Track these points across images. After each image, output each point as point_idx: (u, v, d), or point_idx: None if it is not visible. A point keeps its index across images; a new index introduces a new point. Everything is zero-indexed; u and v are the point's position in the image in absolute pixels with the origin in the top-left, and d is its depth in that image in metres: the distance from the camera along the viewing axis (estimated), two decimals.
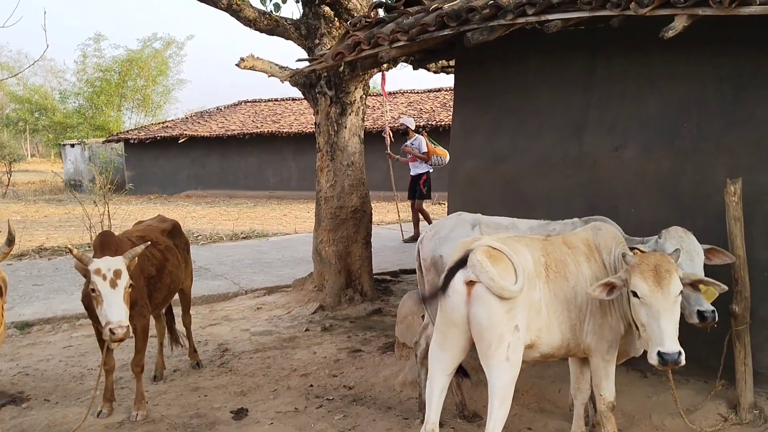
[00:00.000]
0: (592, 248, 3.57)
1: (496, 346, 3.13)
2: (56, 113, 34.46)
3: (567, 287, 3.40)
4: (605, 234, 3.64)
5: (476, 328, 3.18)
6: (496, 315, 3.12)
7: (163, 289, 4.89)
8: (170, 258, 5.04)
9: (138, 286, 4.33)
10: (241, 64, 6.83)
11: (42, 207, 20.45)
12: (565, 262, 3.45)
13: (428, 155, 11.51)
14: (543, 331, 3.31)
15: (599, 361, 3.49)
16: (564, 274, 3.41)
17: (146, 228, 5.19)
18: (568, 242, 3.58)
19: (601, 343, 3.44)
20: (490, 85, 5.44)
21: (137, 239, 4.68)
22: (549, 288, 3.35)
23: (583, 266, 3.48)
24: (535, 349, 3.35)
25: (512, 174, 5.28)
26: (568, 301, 3.39)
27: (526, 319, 3.21)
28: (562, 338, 3.39)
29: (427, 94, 25.87)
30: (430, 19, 4.59)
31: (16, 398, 4.93)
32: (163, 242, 5.09)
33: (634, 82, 4.61)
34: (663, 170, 4.48)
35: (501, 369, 3.15)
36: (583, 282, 3.43)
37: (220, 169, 25.64)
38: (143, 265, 4.54)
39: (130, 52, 33.84)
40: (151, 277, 4.70)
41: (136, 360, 4.59)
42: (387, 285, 8.44)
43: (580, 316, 3.42)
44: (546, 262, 3.40)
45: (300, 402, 4.78)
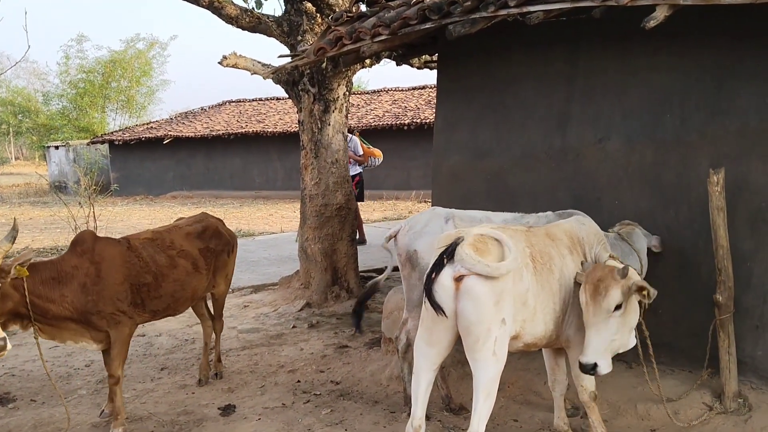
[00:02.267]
0: (575, 241, 3.59)
1: (483, 341, 3.10)
2: (40, 115, 34.18)
3: (552, 279, 3.40)
4: (588, 229, 3.68)
5: (464, 323, 3.15)
6: (485, 309, 3.09)
7: (165, 297, 4.50)
8: (180, 264, 4.60)
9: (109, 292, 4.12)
10: (224, 62, 6.78)
11: (27, 209, 20.27)
12: (549, 253, 3.45)
13: (365, 157, 11.05)
14: (527, 321, 3.30)
15: (576, 354, 3.45)
16: (549, 266, 3.41)
17: (165, 229, 4.83)
18: (551, 234, 3.58)
19: (579, 335, 3.43)
20: (473, 79, 5.45)
21: (144, 241, 4.50)
22: (536, 279, 3.33)
23: (567, 258, 3.49)
24: (519, 340, 3.34)
25: (496, 168, 5.30)
26: (553, 292, 3.39)
27: (512, 310, 3.20)
28: (545, 329, 3.39)
29: (412, 92, 25.89)
30: (412, 13, 4.58)
31: (2, 399, 4.89)
32: (178, 246, 4.67)
33: (617, 73, 4.63)
34: (646, 161, 4.51)
35: (487, 363, 3.13)
36: (567, 274, 3.45)
37: (205, 170, 25.55)
38: (130, 271, 4.28)
39: (113, 53, 33.64)
40: (144, 284, 4.34)
41: (110, 370, 4.23)
42: None
43: (564, 307, 3.45)
44: (532, 253, 3.38)
45: (287, 397, 4.77)
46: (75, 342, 4.22)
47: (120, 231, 12.66)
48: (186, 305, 4.80)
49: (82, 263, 4.12)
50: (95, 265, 4.14)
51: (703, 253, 4.19)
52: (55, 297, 3.99)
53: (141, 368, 5.48)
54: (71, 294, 4.04)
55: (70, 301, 4.03)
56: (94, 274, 4.12)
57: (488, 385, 3.14)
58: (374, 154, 11.24)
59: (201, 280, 4.79)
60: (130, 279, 4.28)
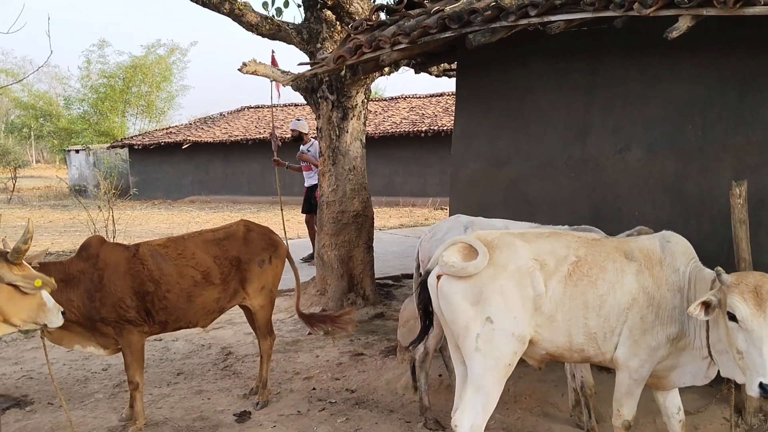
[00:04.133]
0: (653, 261, 3.30)
1: (463, 338, 3.19)
2: (61, 119, 34.54)
3: (592, 293, 3.21)
4: (673, 247, 3.34)
5: (444, 320, 3.30)
6: (459, 307, 3.18)
7: (172, 309, 4.32)
8: (188, 274, 4.37)
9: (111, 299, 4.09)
10: (243, 69, 6.82)
11: (47, 212, 20.49)
12: (604, 267, 3.25)
13: None
14: (543, 328, 3.23)
15: (626, 377, 3.30)
16: (593, 279, 3.22)
17: (183, 236, 4.67)
18: (622, 248, 3.34)
19: (632, 359, 3.24)
20: (492, 88, 5.44)
21: (154, 248, 4.40)
22: (563, 287, 3.21)
23: (628, 277, 3.24)
24: (538, 346, 3.29)
25: (514, 177, 5.28)
26: (588, 306, 3.21)
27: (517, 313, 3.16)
28: (569, 341, 3.26)
29: (429, 99, 25.87)
30: (432, 22, 4.58)
31: (20, 402, 4.93)
32: (190, 255, 4.44)
33: (638, 83, 4.61)
34: (667, 172, 4.47)
35: (472, 359, 3.18)
36: (619, 293, 3.22)
37: (223, 175, 25.69)
38: (134, 278, 4.20)
39: (134, 59, 33.92)
40: (148, 293, 4.23)
41: (128, 376, 4.26)
42: (389, 289, 8.42)
43: (605, 325, 3.22)
44: (575, 261, 3.24)
45: (303, 405, 4.77)
46: (83, 347, 4.23)
47: (138, 235, 12.78)
48: (203, 318, 4.55)
49: (87, 268, 4.13)
50: (99, 271, 4.13)
51: (724, 266, 4.07)
52: (62, 300, 3.95)
53: (157, 373, 5.50)
54: (78, 299, 4.06)
55: (77, 306, 4.05)
56: (98, 280, 4.11)
57: (477, 379, 3.17)
58: None
59: (214, 292, 4.48)
60: (134, 287, 4.18)
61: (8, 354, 6.04)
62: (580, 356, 3.35)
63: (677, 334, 3.23)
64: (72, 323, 4.05)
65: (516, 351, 3.19)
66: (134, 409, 4.29)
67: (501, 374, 3.18)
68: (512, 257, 3.21)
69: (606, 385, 4.54)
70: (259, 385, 4.88)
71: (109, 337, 4.18)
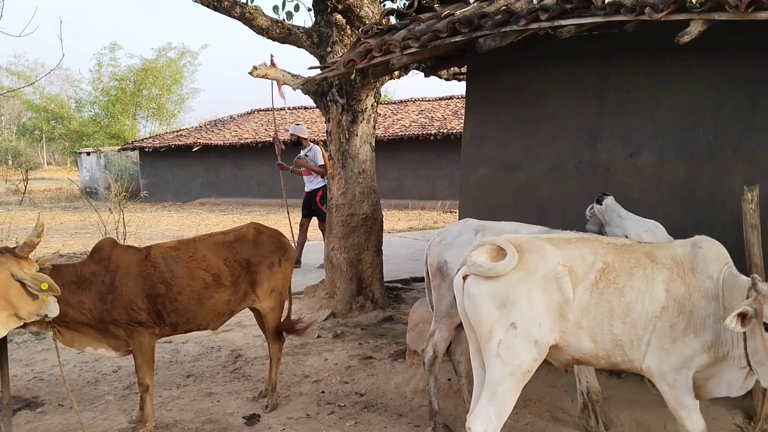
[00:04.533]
0: (685, 268, 3.21)
1: (485, 341, 3.15)
2: (72, 122, 34.79)
3: (618, 300, 3.14)
4: (706, 253, 3.24)
5: (468, 322, 3.25)
6: (484, 310, 3.13)
7: (183, 311, 4.34)
8: (199, 276, 4.39)
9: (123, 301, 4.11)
10: (254, 72, 6.85)
11: (58, 214, 20.62)
12: (632, 274, 3.18)
13: (325, 168, 9.72)
14: (569, 334, 3.18)
15: (665, 387, 3.21)
16: (620, 287, 3.15)
17: (194, 238, 4.69)
18: (652, 254, 3.26)
19: (663, 366, 3.17)
20: (502, 92, 5.44)
21: (165, 250, 4.42)
22: (590, 294, 3.16)
23: (657, 285, 3.16)
24: (564, 351, 3.25)
25: (525, 181, 5.27)
26: (614, 313, 3.14)
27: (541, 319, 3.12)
28: (595, 348, 3.20)
29: (439, 102, 25.89)
30: (442, 26, 4.59)
31: (30, 403, 4.96)
32: (200, 257, 4.45)
33: (649, 87, 4.60)
34: (678, 177, 4.46)
35: (492, 364, 3.14)
36: (648, 301, 3.14)
37: (233, 177, 25.78)
38: (145, 280, 4.22)
39: (145, 62, 34.13)
40: (159, 295, 4.23)
41: (139, 378, 4.28)
42: (398, 293, 8.42)
43: (632, 333, 3.16)
44: (602, 268, 3.18)
45: (312, 408, 4.77)
46: (94, 349, 4.25)
47: (148, 237, 12.83)
48: (214, 320, 4.57)
49: (99, 270, 4.14)
50: (111, 273, 4.14)
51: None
52: (74, 302, 4.01)
53: (167, 375, 5.52)
54: (89, 301, 4.07)
55: (88, 308, 4.07)
56: (110, 282, 4.12)
57: (494, 385, 3.12)
58: None
59: (224, 294, 4.49)
60: (145, 289, 4.20)
61: (19, 355, 6.07)
62: (607, 362, 3.29)
63: (712, 342, 3.13)
64: (83, 325, 4.08)
65: (536, 358, 3.15)
66: (144, 411, 4.30)
67: (518, 381, 3.14)
68: (541, 262, 3.15)
69: (617, 389, 4.54)
70: (268, 388, 4.89)
71: (120, 339, 4.20)
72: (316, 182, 10.07)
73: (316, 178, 10.06)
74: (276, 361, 4.87)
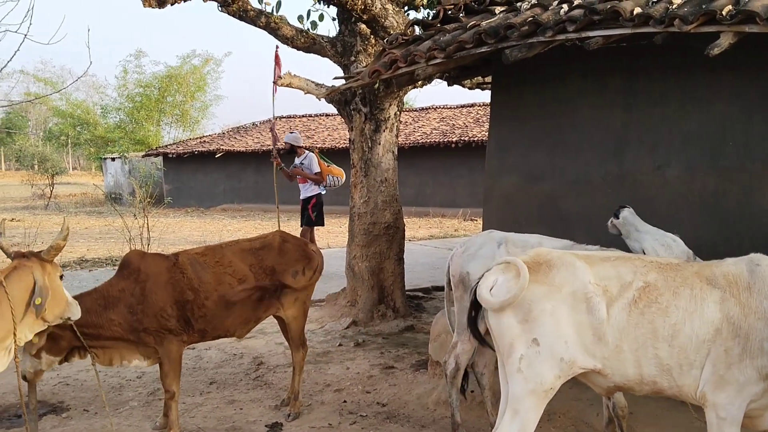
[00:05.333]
0: (740, 287, 3.01)
1: (507, 356, 3.09)
2: (98, 128, 35.24)
3: (662, 321, 2.98)
4: (764, 272, 3.01)
5: (492, 335, 3.20)
6: (505, 324, 3.07)
7: (211, 317, 4.37)
8: (226, 282, 4.43)
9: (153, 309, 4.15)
10: (279, 82, 6.92)
11: (83, 219, 20.89)
12: (677, 293, 3.01)
13: (321, 176, 9.86)
14: (609, 360, 3.03)
15: (713, 416, 3.00)
16: (664, 306, 2.99)
17: (220, 245, 4.74)
18: (703, 273, 3.08)
19: (718, 395, 2.97)
20: (528, 102, 5.42)
21: (193, 257, 4.47)
22: (627, 314, 3.02)
23: (708, 305, 2.97)
24: (606, 378, 3.11)
25: (550, 192, 5.24)
26: (658, 335, 2.98)
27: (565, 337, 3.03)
28: (640, 373, 3.05)
29: (460, 110, 25.86)
30: (468, 36, 4.58)
31: (56, 408, 5.02)
32: (227, 263, 4.51)
33: (676, 99, 4.55)
34: (707, 190, 4.40)
35: (513, 379, 3.07)
36: (698, 323, 2.96)
37: (255, 184, 25.92)
38: (174, 287, 4.26)
39: (169, 69, 34.50)
40: (188, 301, 4.27)
41: (165, 385, 4.30)
42: (419, 302, 8.40)
43: (681, 357, 2.98)
44: (642, 287, 3.04)
45: (333, 417, 4.77)
46: (129, 362, 4.29)
47: (171, 243, 12.96)
48: (240, 327, 4.60)
49: (128, 285, 4.20)
50: (141, 284, 4.20)
51: None
52: (102, 322, 4.08)
53: (190, 382, 5.55)
54: (118, 316, 4.13)
55: (118, 323, 4.12)
56: (140, 293, 4.17)
57: (515, 402, 3.06)
58: (332, 173, 9.99)
59: (251, 301, 4.54)
60: (175, 295, 4.24)
61: None
62: (652, 389, 3.12)
63: None
64: (116, 340, 4.15)
65: (560, 376, 3.05)
66: (169, 418, 4.32)
67: (541, 399, 3.05)
68: (569, 279, 3.05)
69: (642, 405, 4.47)
70: (290, 396, 4.90)
71: (149, 347, 4.24)
72: (311, 190, 10.00)
73: (311, 186, 9.99)
74: (299, 370, 4.88)
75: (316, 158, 9.93)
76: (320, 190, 10.00)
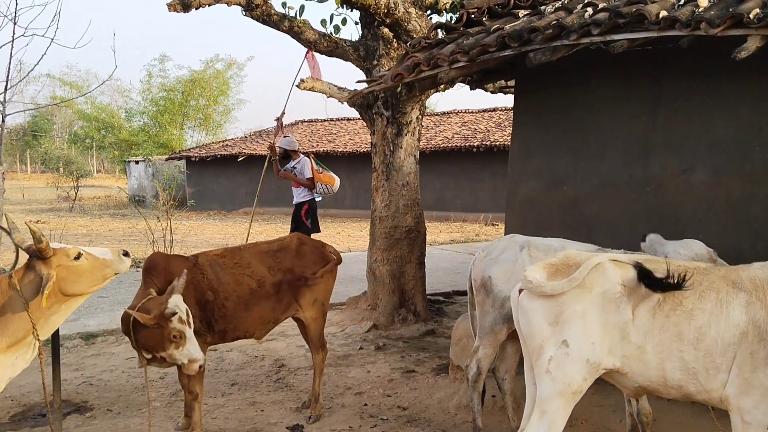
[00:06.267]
0: (766, 291, 2.99)
1: (536, 357, 3.11)
2: (122, 131, 35.69)
3: (687, 324, 2.99)
4: None
5: (521, 335, 3.22)
6: (536, 326, 3.10)
7: (230, 318, 4.43)
8: (245, 283, 4.50)
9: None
10: (301, 85, 6.96)
11: (107, 221, 21.14)
12: (703, 296, 3.01)
13: (312, 182, 9.48)
14: (632, 360, 3.06)
15: (738, 420, 2.99)
16: (689, 309, 2.99)
17: (239, 247, 4.82)
18: (730, 278, 3.08)
19: (743, 399, 2.95)
20: (551, 105, 5.39)
21: (213, 258, 4.53)
22: (652, 316, 3.04)
23: (733, 309, 2.97)
24: (628, 378, 3.13)
25: (573, 196, 5.20)
26: (682, 339, 2.98)
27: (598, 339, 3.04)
28: (664, 375, 3.05)
29: (482, 114, 25.77)
30: (491, 40, 4.57)
31: (80, 407, 5.08)
32: (246, 265, 4.58)
33: (702, 103, 4.50)
34: (733, 195, 4.34)
35: (542, 381, 3.09)
36: (723, 326, 2.95)
37: (276, 187, 26.02)
38: (195, 288, 4.31)
39: (192, 73, 34.87)
40: (208, 301, 4.35)
41: (189, 386, 4.32)
42: (440, 306, 8.38)
43: (707, 361, 2.97)
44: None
45: (354, 420, 4.77)
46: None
47: (194, 245, 13.06)
48: (260, 328, 4.65)
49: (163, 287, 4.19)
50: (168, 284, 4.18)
51: None
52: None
53: (212, 383, 5.59)
54: None
55: None
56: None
57: (543, 403, 3.08)
58: (322, 180, 9.60)
59: (269, 301, 4.59)
60: (196, 296, 4.29)
61: (69, 360, 6.22)
62: (679, 393, 3.10)
63: None
64: None
65: (587, 378, 3.08)
66: (192, 419, 4.36)
67: (568, 400, 3.08)
68: (599, 280, 3.07)
69: (665, 412, 4.42)
70: (311, 398, 4.91)
71: None
72: (303, 195, 9.67)
73: (304, 191, 9.65)
74: (319, 372, 4.90)
75: (310, 163, 9.61)
76: (314, 195, 9.72)
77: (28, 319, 3.34)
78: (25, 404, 5.10)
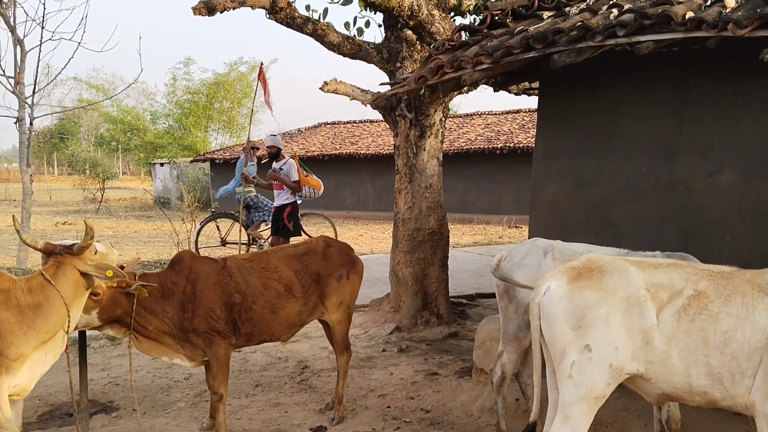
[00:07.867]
0: None
1: (558, 361, 3.09)
2: (147, 133, 36.10)
3: (713, 328, 2.95)
4: None
5: (543, 342, 3.19)
6: (558, 330, 3.07)
7: (257, 321, 4.46)
8: (272, 286, 4.53)
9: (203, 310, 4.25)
10: (325, 87, 6.97)
11: (132, 223, 21.39)
12: (728, 301, 2.98)
13: (299, 185, 9.37)
14: (656, 365, 3.03)
15: (764, 426, 2.93)
16: (714, 314, 2.96)
17: (266, 250, 4.82)
18: (756, 282, 3.03)
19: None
20: (575, 107, 5.35)
21: (240, 261, 4.57)
22: (677, 321, 3.01)
23: (759, 313, 2.93)
24: (652, 384, 3.10)
25: (597, 199, 5.16)
26: (708, 343, 2.95)
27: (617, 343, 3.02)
28: (689, 381, 3.02)
29: (505, 116, 25.63)
30: (515, 42, 4.55)
31: (106, 407, 5.15)
32: (273, 268, 4.60)
33: (730, 104, 4.43)
34: (762, 197, 4.27)
35: (564, 385, 3.07)
36: (749, 330, 2.92)
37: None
38: (223, 290, 4.35)
39: (217, 76, 35.14)
40: (235, 304, 4.37)
41: (213, 387, 4.39)
42: (463, 308, 8.36)
43: (733, 365, 2.94)
44: (693, 294, 3.02)
45: (377, 423, 4.78)
46: (170, 358, 4.38)
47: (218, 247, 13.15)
48: (286, 331, 4.67)
49: (179, 281, 4.29)
50: (191, 283, 4.30)
51: None
52: (157, 311, 4.19)
53: (236, 384, 5.63)
54: (171, 310, 4.23)
55: (170, 317, 4.22)
56: (191, 291, 4.28)
57: (565, 408, 3.06)
58: (310, 184, 9.60)
59: (295, 305, 4.61)
60: (223, 298, 4.34)
61: (96, 360, 6.31)
62: (704, 399, 3.06)
63: None
64: (164, 334, 4.24)
65: (609, 383, 3.05)
66: (216, 420, 4.40)
67: (591, 405, 3.06)
68: (623, 284, 3.05)
69: (691, 417, 4.36)
70: (335, 400, 4.93)
71: (197, 348, 4.32)
72: (285, 197, 9.47)
73: (287, 193, 9.46)
74: (343, 374, 4.91)
75: (296, 166, 9.48)
76: (296, 198, 9.58)
77: (60, 314, 3.42)
78: (52, 404, 5.18)
